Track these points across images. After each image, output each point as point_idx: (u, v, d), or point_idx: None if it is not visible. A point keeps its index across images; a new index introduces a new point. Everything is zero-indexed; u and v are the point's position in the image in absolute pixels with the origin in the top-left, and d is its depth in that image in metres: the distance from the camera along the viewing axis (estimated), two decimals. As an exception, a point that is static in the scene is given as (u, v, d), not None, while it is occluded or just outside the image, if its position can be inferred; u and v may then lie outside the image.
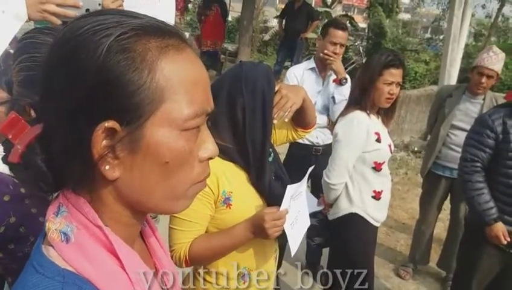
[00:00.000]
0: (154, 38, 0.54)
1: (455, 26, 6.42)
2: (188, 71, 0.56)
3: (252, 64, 1.48)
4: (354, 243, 2.29)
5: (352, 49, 12.12)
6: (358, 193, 2.26)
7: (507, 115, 2.25)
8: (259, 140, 1.39)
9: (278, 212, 1.37)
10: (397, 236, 4.26)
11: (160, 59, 0.53)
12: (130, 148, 0.54)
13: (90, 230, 0.56)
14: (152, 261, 0.71)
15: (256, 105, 1.38)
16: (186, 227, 1.39)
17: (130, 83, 0.51)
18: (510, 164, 2.21)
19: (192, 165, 0.59)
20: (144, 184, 0.56)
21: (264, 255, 1.51)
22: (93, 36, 0.51)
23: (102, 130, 0.52)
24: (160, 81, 0.53)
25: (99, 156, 0.53)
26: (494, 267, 2.35)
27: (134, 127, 0.53)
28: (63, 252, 0.54)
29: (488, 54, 2.97)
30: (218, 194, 1.38)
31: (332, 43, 2.97)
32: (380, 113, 2.33)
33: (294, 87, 1.57)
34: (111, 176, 0.54)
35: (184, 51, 0.57)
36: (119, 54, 0.51)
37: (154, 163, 0.55)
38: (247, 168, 1.42)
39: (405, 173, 6.00)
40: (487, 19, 16.11)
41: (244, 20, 8.89)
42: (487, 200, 2.21)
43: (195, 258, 1.40)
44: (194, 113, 0.56)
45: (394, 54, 2.25)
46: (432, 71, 11.95)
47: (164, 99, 0.54)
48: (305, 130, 1.71)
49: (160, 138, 0.54)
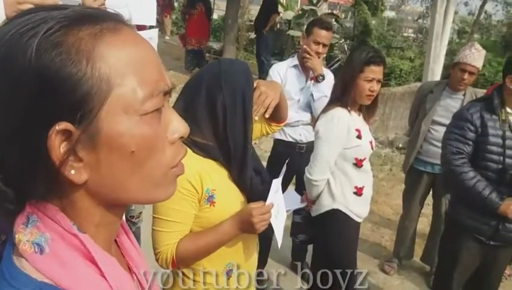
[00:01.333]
0: (85, 26, 0.51)
1: (438, 23, 6.48)
2: (130, 52, 0.53)
3: (230, 61, 1.47)
4: (336, 238, 2.31)
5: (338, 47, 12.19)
6: (340, 189, 2.28)
7: (484, 109, 2.28)
8: (240, 137, 1.39)
9: (265, 207, 1.39)
10: (382, 232, 4.30)
11: (97, 45, 0.50)
12: (91, 146, 0.50)
13: (65, 239, 0.53)
14: (125, 260, 0.68)
15: (237, 102, 1.37)
16: (172, 228, 1.37)
17: (69, 78, 0.48)
18: (488, 157, 2.24)
19: (162, 149, 0.56)
20: (115, 179, 0.53)
21: (247, 249, 1.52)
22: (20, 39, 0.48)
23: (55, 134, 0.48)
24: (102, 68, 0.50)
25: (61, 162, 0.50)
26: (475, 260, 2.38)
27: (88, 122, 0.49)
28: (38, 264, 0.51)
29: (470, 50, 3.00)
30: (202, 193, 1.37)
31: (316, 42, 2.98)
32: (361, 110, 2.35)
33: (271, 83, 1.58)
34: (78, 179, 0.51)
35: (121, 31, 0.53)
36: (51, 51, 0.48)
37: (120, 155, 0.52)
38: (228, 165, 1.42)
39: (390, 169, 6.04)
40: (470, 16, 16.31)
41: (229, 19, 8.86)
42: (486, 185, 2.21)
43: (183, 259, 1.39)
44: (150, 94, 0.53)
45: (375, 51, 2.26)
46: (416, 68, 12.08)
47: (112, 85, 0.50)
48: (278, 124, 1.72)
49: (119, 127, 0.51)
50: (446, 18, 6.70)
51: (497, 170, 2.21)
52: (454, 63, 3.09)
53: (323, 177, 2.25)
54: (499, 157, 2.21)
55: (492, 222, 2.25)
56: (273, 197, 1.43)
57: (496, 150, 2.22)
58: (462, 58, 3.01)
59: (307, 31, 3.08)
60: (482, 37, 16.03)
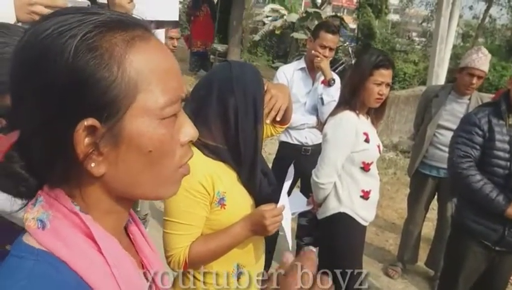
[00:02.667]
0: (119, 32, 0.55)
1: (443, 27, 6.49)
2: (157, 60, 0.57)
3: (241, 65, 1.48)
4: (342, 242, 2.31)
5: (342, 50, 12.20)
6: (347, 193, 2.28)
7: (492, 113, 2.28)
8: (251, 140, 1.40)
9: (277, 209, 1.41)
10: (386, 236, 4.30)
11: (128, 52, 0.54)
12: (113, 143, 0.55)
13: (66, 216, 0.57)
14: (139, 258, 0.71)
15: (248, 106, 1.38)
16: (184, 231, 1.38)
17: (101, 80, 0.52)
18: (495, 162, 2.23)
19: (174, 150, 0.61)
20: (130, 175, 0.58)
21: (255, 249, 1.53)
22: (58, 39, 0.52)
23: (82, 129, 0.52)
24: (132, 73, 0.54)
25: (84, 155, 0.54)
26: (480, 265, 2.38)
27: (113, 122, 0.54)
28: (39, 237, 0.56)
29: (477, 55, 2.99)
30: (213, 195, 1.38)
31: (323, 46, 3.00)
32: (370, 114, 2.35)
33: (280, 86, 1.59)
34: (97, 172, 0.56)
35: (150, 40, 0.58)
36: (87, 54, 0.52)
37: (138, 154, 0.57)
38: (237, 168, 1.43)
39: (394, 173, 6.05)
40: (474, 20, 16.29)
41: (234, 21, 8.89)
42: (493, 188, 2.21)
43: (195, 261, 1.39)
44: (170, 101, 0.58)
45: (384, 55, 2.27)
46: (420, 72, 12.08)
47: (138, 90, 0.55)
48: (282, 126, 1.73)
49: (140, 128, 0.56)
50: (451, 22, 6.71)
51: (504, 175, 2.21)
52: (462, 68, 3.07)
53: (330, 180, 2.25)
54: (506, 162, 2.21)
55: (499, 227, 2.25)
56: (284, 199, 1.45)
57: (503, 155, 2.22)
58: (470, 62, 3.00)
59: (314, 35, 3.10)
60: (487, 41, 16.01)
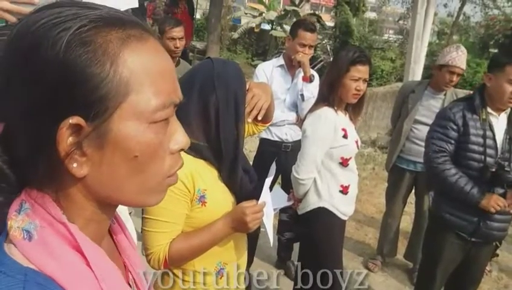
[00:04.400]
0: (115, 29, 0.53)
1: (419, 24, 6.59)
2: (152, 61, 0.55)
3: (223, 62, 1.47)
4: (322, 236, 2.33)
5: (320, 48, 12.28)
6: (326, 188, 2.31)
7: (466, 108, 2.33)
8: (232, 138, 1.39)
9: (258, 205, 1.40)
10: (366, 230, 4.36)
11: (123, 50, 0.52)
12: (98, 144, 0.52)
13: (54, 227, 0.54)
14: (121, 259, 0.69)
15: (229, 103, 1.37)
16: (164, 228, 1.36)
17: (92, 77, 0.50)
18: (470, 156, 2.29)
19: (163, 158, 0.58)
20: (113, 180, 0.55)
21: (237, 247, 1.53)
22: (50, 30, 0.50)
23: (66, 127, 0.50)
24: (124, 73, 0.52)
25: (66, 154, 0.51)
26: (457, 256, 2.44)
27: (100, 121, 0.51)
28: (25, 250, 0.52)
29: (457, 52, 3.04)
30: (194, 193, 1.37)
31: (302, 45, 3.02)
32: (348, 110, 2.38)
33: (262, 85, 1.58)
34: (79, 173, 0.53)
35: (147, 41, 0.56)
36: (80, 48, 0.50)
37: (123, 158, 0.54)
38: (218, 165, 1.42)
39: (372, 168, 6.13)
40: (449, 18, 16.59)
41: (213, 18, 8.85)
42: (467, 181, 2.26)
43: (175, 259, 1.38)
44: (162, 105, 0.55)
45: (360, 51, 2.29)
46: (397, 69, 12.24)
47: (129, 91, 0.52)
48: (264, 124, 1.73)
49: (128, 131, 0.53)
50: (426, 19, 6.81)
51: (479, 168, 2.26)
52: (441, 65, 3.12)
53: (310, 176, 2.27)
54: (480, 156, 2.27)
55: (474, 219, 2.30)
56: (265, 196, 1.44)
57: (477, 149, 2.27)
58: (450, 60, 3.04)
59: (292, 33, 3.11)
60: (461, 38, 16.32)
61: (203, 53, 9.72)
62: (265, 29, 14.69)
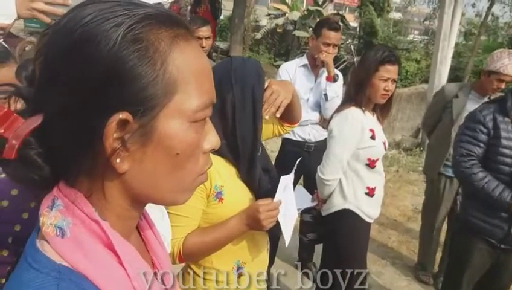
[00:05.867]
0: (165, 28, 0.53)
1: (446, 24, 6.47)
2: (196, 62, 0.56)
3: (242, 60, 1.47)
4: (347, 239, 2.30)
5: (344, 48, 12.20)
6: (352, 189, 2.27)
7: (497, 111, 2.26)
8: (249, 135, 1.39)
9: (272, 203, 1.38)
10: (389, 233, 4.29)
11: (172, 49, 0.53)
12: (141, 141, 0.53)
13: (86, 224, 0.54)
14: (149, 257, 0.69)
15: (246, 100, 1.37)
16: (180, 222, 1.37)
17: (143, 75, 0.50)
18: (501, 160, 2.22)
19: (198, 156, 0.59)
20: (152, 176, 0.56)
21: (256, 246, 1.51)
22: (102, 25, 0.50)
23: (116, 121, 0.50)
24: (173, 72, 0.53)
25: (112, 149, 0.51)
26: (485, 263, 2.37)
27: (147, 119, 0.52)
28: (58, 247, 0.52)
29: (509, 59, 2.82)
30: (210, 189, 1.38)
31: (326, 44, 2.99)
32: (376, 110, 2.34)
33: (283, 83, 1.56)
34: (121, 169, 0.53)
35: (191, 41, 0.56)
36: (133, 44, 0.50)
37: (165, 155, 0.54)
38: (236, 163, 1.42)
39: (396, 170, 6.04)
40: (477, 18, 16.24)
41: (236, 18, 8.88)
42: (497, 184, 2.20)
43: (189, 253, 1.38)
44: (204, 104, 0.56)
45: (389, 50, 2.25)
46: (422, 70, 12.08)
47: (176, 90, 0.53)
48: (290, 125, 1.71)
49: (172, 129, 0.54)
50: (453, 19, 6.68)
51: (509, 172, 2.19)
52: (490, 71, 2.93)
53: (336, 176, 2.24)
54: (511, 160, 2.20)
55: (504, 225, 2.23)
56: (281, 194, 1.42)
57: (508, 153, 2.20)
58: (501, 68, 2.84)
59: (316, 33, 3.09)
60: (489, 39, 15.97)
61: (226, 53, 9.77)
62: (288, 29, 14.66)
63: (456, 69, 11.21)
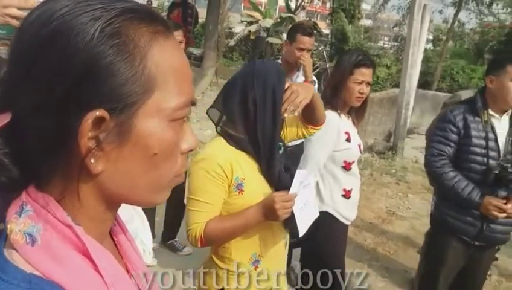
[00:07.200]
0: (145, 23, 0.51)
1: (415, 30, 6.65)
2: (176, 59, 0.54)
3: (263, 62, 1.62)
4: (325, 241, 2.31)
5: (316, 54, 12.33)
6: (328, 192, 2.29)
7: (467, 111, 2.33)
8: (269, 131, 1.50)
9: (287, 195, 1.47)
10: (364, 235, 4.34)
11: (152, 46, 0.51)
12: (118, 140, 0.50)
13: (59, 230, 0.51)
14: (123, 262, 0.66)
15: (267, 98, 1.49)
16: (203, 208, 1.49)
17: (122, 70, 0.48)
18: (472, 158, 2.28)
19: (176, 157, 0.57)
20: (128, 177, 0.53)
21: (273, 239, 1.61)
22: (79, 17, 0.47)
23: (92, 119, 0.47)
24: (152, 68, 0.51)
25: (87, 149, 0.49)
26: (460, 261, 2.42)
27: (124, 117, 0.50)
28: (29, 255, 0.49)
29: None
30: (231, 179, 1.49)
31: (300, 49, 3.03)
32: (351, 114, 2.37)
33: (304, 85, 1.69)
34: (96, 169, 0.50)
35: (171, 38, 0.55)
36: (111, 39, 0.48)
37: (143, 155, 0.52)
38: (258, 158, 1.53)
39: (370, 174, 6.12)
40: (444, 24, 16.72)
41: (209, 25, 8.88)
42: (466, 184, 2.25)
43: (210, 238, 1.50)
44: (183, 103, 0.54)
45: (364, 54, 2.30)
46: (393, 75, 12.34)
47: (155, 87, 0.51)
48: (315, 127, 1.80)
49: (150, 128, 0.52)
50: (422, 25, 6.88)
51: (481, 171, 2.25)
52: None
53: (314, 179, 2.25)
54: (483, 158, 2.26)
55: (477, 222, 2.29)
56: (297, 187, 1.50)
57: (480, 151, 2.27)
58: None
59: (290, 38, 3.12)
60: (456, 44, 16.47)
61: (200, 59, 9.74)
62: (261, 36, 14.76)
63: (425, 73, 11.52)
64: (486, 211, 2.21)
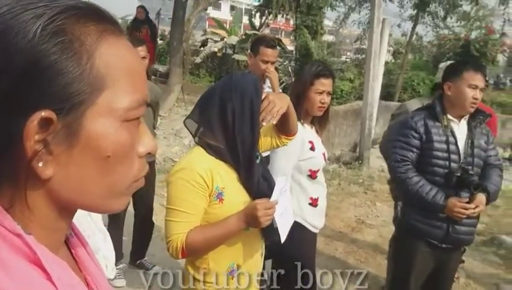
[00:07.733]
0: (92, 21, 0.50)
1: (375, 43, 6.84)
2: (127, 58, 0.53)
3: (241, 74, 1.66)
4: (294, 250, 2.30)
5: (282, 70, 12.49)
6: (296, 201, 2.29)
7: (427, 116, 2.39)
8: (248, 140, 1.53)
9: (269, 202, 1.50)
10: (335, 244, 4.36)
11: (100, 44, 0.50)
12: (67, 142, 0.48)
13: (7, 240, 0.48)
14: (82, 275, 0.63)
15: (245, 109, 1.52)
16: (183, 218, 1.49)
17: (67, 69, 0.47)
18: (434, 162, 2.34)
19: (132, 160, 0.55)
20: (81, 182, 0.51)
21: (250, 250, 1.62)
22: (21, 15, 0.46)
23: (37, 120, 0.45)
24: (101, 67, 0.49)
25: (33, 152, 0.46)
26: (429, 264, 2.45)
27: (72, 117, 0.48)
28: None
29: None
30: (212, 189, 1.50)
31: (264, 61, 3.05)
32: (314, 123, 2.41)
33: (280, 95, 1.72)
34: (44, 174, 0.48)
35: (121, 37, 0.53)
36: (55, 37, 0.46)
37: (94, 157, 0.50)
38: (237, 167, 1.55)
39: (338, 183, 6.20)
40: (403, 38, 17.28)
41: (174, 42, 8.85)
42: (430, 188, 2.29)
43: (191, 248, 1.49)
44: (136, 102, 0.53)
45: (324, 65, 2.36)
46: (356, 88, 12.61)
47: (105, 87, 0.50)
48: (288, 137, 1.83)
49: (101, 129, 0.50)
50: (382, 39, 7.10)
51: (444, 174, 2.31)
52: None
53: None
54: (445, 162, 2.32)
55: (443, 224, 2.33)
56: (277, 194, 1.54)
57: (441, 155, 2.32)
58: None
59: (253, 50, 3.13)
60: (415, 57, 17.03)
61: (165, 76, 9.68)
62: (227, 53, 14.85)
63: (387, 86, 11.82)
64: (451, 212, 2.26)
